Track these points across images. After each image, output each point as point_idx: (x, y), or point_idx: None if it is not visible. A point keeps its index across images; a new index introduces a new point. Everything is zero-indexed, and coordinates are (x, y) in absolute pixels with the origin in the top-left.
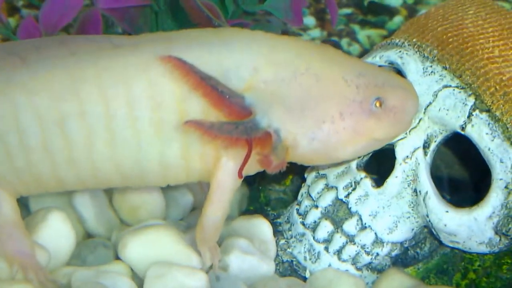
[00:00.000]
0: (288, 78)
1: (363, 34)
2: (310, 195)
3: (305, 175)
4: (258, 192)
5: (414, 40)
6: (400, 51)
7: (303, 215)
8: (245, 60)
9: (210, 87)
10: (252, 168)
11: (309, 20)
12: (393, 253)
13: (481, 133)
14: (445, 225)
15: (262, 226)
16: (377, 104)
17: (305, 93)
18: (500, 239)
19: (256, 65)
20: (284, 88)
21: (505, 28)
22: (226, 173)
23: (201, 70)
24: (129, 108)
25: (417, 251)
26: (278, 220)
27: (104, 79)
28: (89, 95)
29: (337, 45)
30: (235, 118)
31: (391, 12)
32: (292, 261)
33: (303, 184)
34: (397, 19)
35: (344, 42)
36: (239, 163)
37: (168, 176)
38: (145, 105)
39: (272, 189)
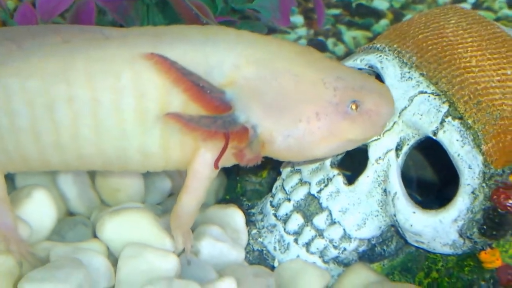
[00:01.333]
0: (269, 77)
1: (349, 35)
2: (284, 189)
3: (281, 169)
4: (235, 182)
5: (394, 45)
6: (380, 56)
7: (276, 207)
8: (228, 57)
9: (190, 82)
10: (229, 160)
11: (297, 18)
12: (360, 249)
13: (452, 139)
14: (411, 225)
15: (235, 216)
16: (353, 107)
17: (284, 92)
18: (464, 242)
19: (238, 63)
20: (264, 86)
21: (484, 39)
22: (203, 163)
23: (183, 66)
24: (115, 97)
25: (383, 248)
26: (252, 211)
27: (93, 69)
28: (78, 83)
29: (323, 45)
30: (214, 112)
31: (378, 15)
32: (262, 250)
33: (278, 178)
34: (383, 22)
35: (330, 42)
36: (216, 155)
37: (148, 164)
38: (130, 95)
39: (249, 180)
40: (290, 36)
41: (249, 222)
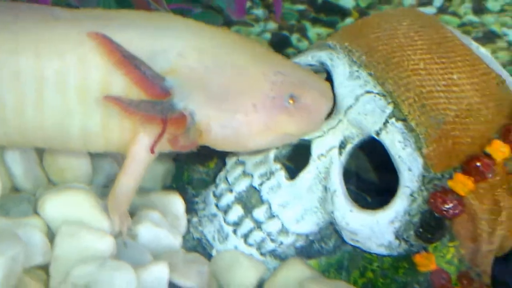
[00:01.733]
0: (211, 67)
1: (313, 31)
2: (227, 179)
3: (226, 160)
4: (182, 170)
5: (346, 44)
6: (331, 53)
7: (218, 197)
8: (173, 45)
9: (133, 66)
10: (167, 146)
11: (262, 12)
12: (298, 244)
13: (394, 140)
14: (348, 224)
15: (175, 203)
16: (291, 101)
17: (224, 82)
18: (399, 244)
19: (182, 51)
20: (205, 75)
21: (434, 43)
22: (141, 147)
23: (126, 50)
24: (60, 77)
25: (322, 245)
26: (196, 199)
27: (40, 48)
28: (25, 61)
29: (287, 40)
30: (154, 97)
31: (343, 13)
32: (201, 239)
33: (223, 168)
34: (349, 20)
35: (294, 37)
36: (154, 139)
37: (88, 144)
38: (74, 76)
39: (196, 170)
40: (255, 29)
41: (192, 210)
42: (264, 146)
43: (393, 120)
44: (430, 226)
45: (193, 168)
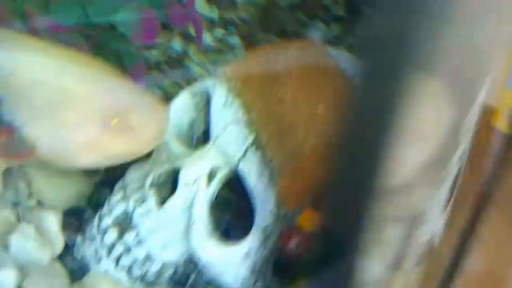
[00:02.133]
0: (41, 82)
1: None
2: (109, 202)
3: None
4: (95, 191)
5: (229, 72)
6: (216, 81)
7: (100, 219)
8: (8, 60)
9: None
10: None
11: (235, 40)
12: (165, 272)
13: (251, 171)
14: (205, 255)
15: (53, 221)
16: (117, 122)
17: (52, 99)
18: (256, 280)
19: (14, 65)
20: (35, 90)
21: (309, 75)
22: None
23: None
24: None
25: (190, 276)
26: (90, 220)
27: None
28: None
29: None
30: None
31: None
32: (82, 259)
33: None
34: None
35: None
36: None
37: None
38: None
39: (103, 191)
40: (228, 57)
41: (82, 230)
42: (91, 166)
43: (252, 149)
44: (282, 264)
45: (102, 190)
